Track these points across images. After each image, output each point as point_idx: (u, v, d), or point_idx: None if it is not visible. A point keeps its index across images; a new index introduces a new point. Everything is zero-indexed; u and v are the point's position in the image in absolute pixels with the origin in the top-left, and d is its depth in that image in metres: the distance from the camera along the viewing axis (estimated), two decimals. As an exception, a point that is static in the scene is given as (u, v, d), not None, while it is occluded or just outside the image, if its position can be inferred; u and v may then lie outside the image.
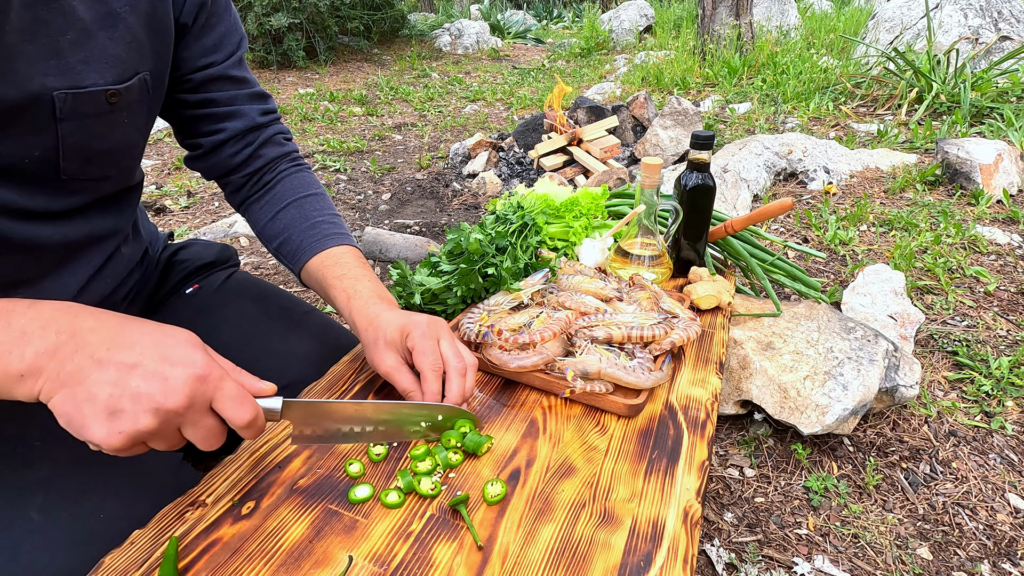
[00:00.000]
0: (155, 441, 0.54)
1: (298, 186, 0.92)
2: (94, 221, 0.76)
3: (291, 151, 0.95)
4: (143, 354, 0.53)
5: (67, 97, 0.62)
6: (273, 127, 0.91)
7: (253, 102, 0.88)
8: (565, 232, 1.19)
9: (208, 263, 1.03)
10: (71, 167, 0.67)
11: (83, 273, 0.76)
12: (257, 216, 0.92)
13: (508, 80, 5.92)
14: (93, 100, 0.65)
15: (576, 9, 11.23)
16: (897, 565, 1.11)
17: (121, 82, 0.67)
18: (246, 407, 0.56)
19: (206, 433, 0.55)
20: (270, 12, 6.07)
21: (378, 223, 2.68)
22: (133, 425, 0.51)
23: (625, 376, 0.78)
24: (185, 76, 0.80)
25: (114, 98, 0.67)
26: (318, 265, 0.87)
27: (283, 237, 0.90)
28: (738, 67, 4.69)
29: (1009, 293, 1.91)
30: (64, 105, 0.62)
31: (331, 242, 0.88)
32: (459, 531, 0.61)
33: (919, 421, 1.43)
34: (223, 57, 0.82)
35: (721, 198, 2.40)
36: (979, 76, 3.54)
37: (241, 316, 0.96)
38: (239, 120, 0.86)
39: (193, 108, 0.84)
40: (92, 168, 0.71)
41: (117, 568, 0.56)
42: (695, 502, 0.65)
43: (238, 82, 0.86)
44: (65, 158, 0.66)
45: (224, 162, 0.89)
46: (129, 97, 0.69)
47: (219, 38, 0.81)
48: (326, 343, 0.95)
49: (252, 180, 0.92)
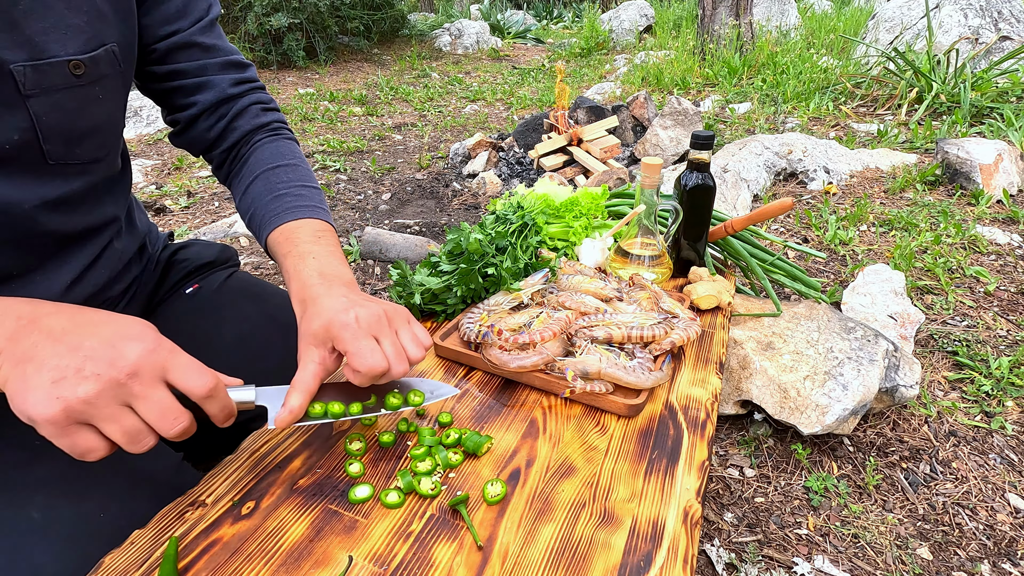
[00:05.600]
0: (103, 421, 0.51)
1: (268, 157, 0.86)
2: (85, 211, 0.74)
3: (270, 121, 0.89)
4: (97, 333, 0.53)
5: (26, 70, 0.60)
6: (248, 97, 0.87)
7: (225, 71, 0.83)
8: (565, 232, 1.19)
9: (208, 263, 1.03)
10: (56, 150, 0.66)
11: (76, 265, 0.75)
12: (234, 192, 0.87)
13: (508, 80, 5.92)
14: (56, 72, 0.62)
15: (576, 9, 11.23)
16: (897, 565, 1.11)
17: (84, 52, 0.64)
18: (203, 376, 0.54)
19: (160, 409, 0.52)
20: (270, 12, 6.07)
21: (378, 223, 2.68)
22: (72, 391, 0.49)
23: (625, 376, 0.78)
24: (150, 46, 0.76)
25: (78, 69, 0.64)
26: (273, 243, 0.81)
27: (251, 212, 0.84)
28: (738, 67, 4.69)
29: (1009, 293, 1.91)
30: (26, 79, 0.60)
31: (289, 216, 0.81)
32: (459, 531, 0.61)
33: (919, 421, 1.43)
34: (189, 23, 0.78)
35: (721, 198, 2.40)
36: (979, 76, 3.54)
37: (241, 316, 0.96)
38: (209, 91, 0.82)
39: (162, 81, 0.80)
40: (79, 151, 0.69)
41: (117, 568, 0.56)
42: (695, 502, 0.65)
43: (207, 50, 0.81)
44: (46, 140, 0.64)
45: (201, 137, 0.84)
46: (98, 70, 0.66)
47: (183, 2, 0.77)
48: None
49: (231, 155, 0.88)
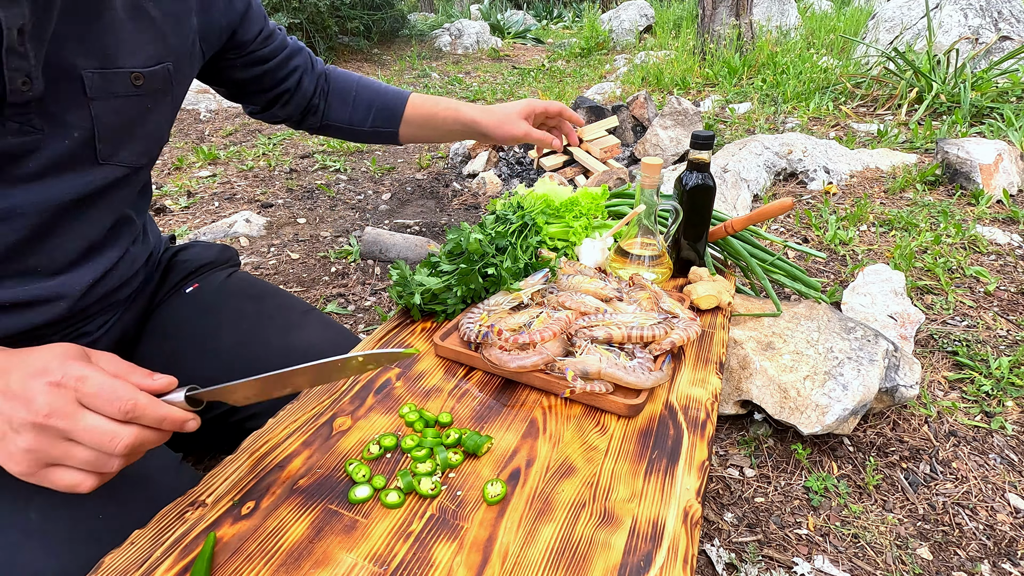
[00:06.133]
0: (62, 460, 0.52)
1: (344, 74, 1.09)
2: (113, 211, 0.79)
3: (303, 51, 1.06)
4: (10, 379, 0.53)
5: (94, 76, 0.68)
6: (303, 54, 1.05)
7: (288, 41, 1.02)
8: (565, 232, 1.19)
9: (208, 263, 1.04)
10: (107, 150, 0.73)
11: (99, 268, 0.78)
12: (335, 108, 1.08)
13: (508, 80, 5.92)
14: (119, 80, 0.71)
15: (576, 9, 11.22)
16: (897, 565, 1.11)
17: (145, 67, 0.73)
18: (116, 401, 0.53)
19: (93, 437, 0.52)
20: (270, 12, 6.08)
21: (378, 223, 2.68)
22: (16, 445, 0.51)
23: (625, 376, 0.78)
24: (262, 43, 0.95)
25: (138, 80, 0.73)
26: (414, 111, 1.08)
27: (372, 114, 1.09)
28: (738, 67, 4.69)
29: (1009, 293, 1.91)
30: (92, 84, 0.68)
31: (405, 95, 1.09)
32: (459, 531, 0.61)
33: (919, 421, 1.43)
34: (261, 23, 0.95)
35: (721, 198, 2.40)
36: (979, 76, 3.54)
37: (241, 315, 0.96)
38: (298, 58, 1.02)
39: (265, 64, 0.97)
40: (124, 154, 0.76)
41: (117, 568, 0.56)
42: (695, 502, 0.65)
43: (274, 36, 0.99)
44: (101, 139, 0.71)
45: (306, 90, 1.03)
46: (153, 83, 0.75)
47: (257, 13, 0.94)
48: (326, 341, 0.95)
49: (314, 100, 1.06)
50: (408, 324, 0.99)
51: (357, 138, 1.11)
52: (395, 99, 1.08)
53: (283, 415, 0.77)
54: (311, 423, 0.76)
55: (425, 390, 0.83)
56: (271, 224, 2.65)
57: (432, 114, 1.08)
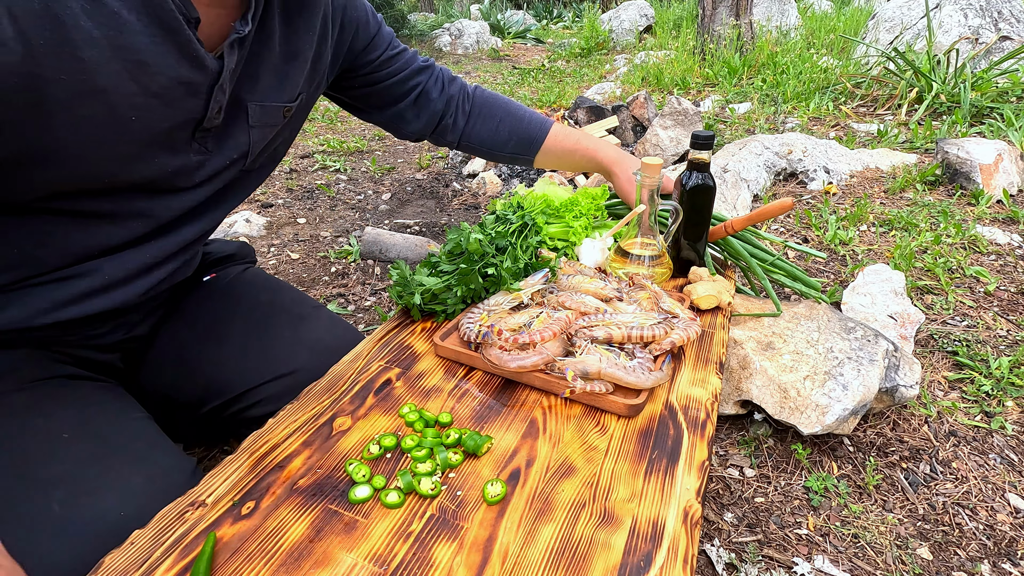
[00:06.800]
0: None
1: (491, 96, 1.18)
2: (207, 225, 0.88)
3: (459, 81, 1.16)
4: None
5: (255, 108, 0.80)
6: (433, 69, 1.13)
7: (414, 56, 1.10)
8: (565, 232, 1.19)
9: (228, 255, 1.10)
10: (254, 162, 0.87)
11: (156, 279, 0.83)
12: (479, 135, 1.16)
13: (508, 80, 5.92)
14: (274, 112, 0.83)
15: (576, 9, 11.22)
16: (897, 565, 1.11)
17: (292, 101, 0.86)
18: None
19: None
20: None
21: (378, 223, 2.68)
22: None
23: (625, 376, 0.78)
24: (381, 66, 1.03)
25: (288, 112, 0.86)
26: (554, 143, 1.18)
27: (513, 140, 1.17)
28: (738, 67, 4.69)
29: (1009, 293, 1.91)
30: (254, 115, 0.81)
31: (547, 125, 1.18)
32: (459, 531, 0.61)
33: (919, 421, 1.43)
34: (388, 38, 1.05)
35: (721, 198, 2.40)
36: (979, 76, 3.54)
37: (254, 306, 1.01)
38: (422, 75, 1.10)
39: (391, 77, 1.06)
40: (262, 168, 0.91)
41: (117, 568, 0.56)
42: (695, 502, 0.65)
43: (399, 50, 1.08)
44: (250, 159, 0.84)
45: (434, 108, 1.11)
46: (296, 113, 0.89)
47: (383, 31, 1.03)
48: (334, 335, 0.99)
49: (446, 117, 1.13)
50: (408, 324, 0.99)
51: (494, 159, 1.20)
52: (538, 130, 1.17)
53: (283, 415, 0.77)
54: (311, 423, 0.76)
55: (425, 390, 0.83)
56: (271, 224, 2.65)
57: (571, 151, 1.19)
